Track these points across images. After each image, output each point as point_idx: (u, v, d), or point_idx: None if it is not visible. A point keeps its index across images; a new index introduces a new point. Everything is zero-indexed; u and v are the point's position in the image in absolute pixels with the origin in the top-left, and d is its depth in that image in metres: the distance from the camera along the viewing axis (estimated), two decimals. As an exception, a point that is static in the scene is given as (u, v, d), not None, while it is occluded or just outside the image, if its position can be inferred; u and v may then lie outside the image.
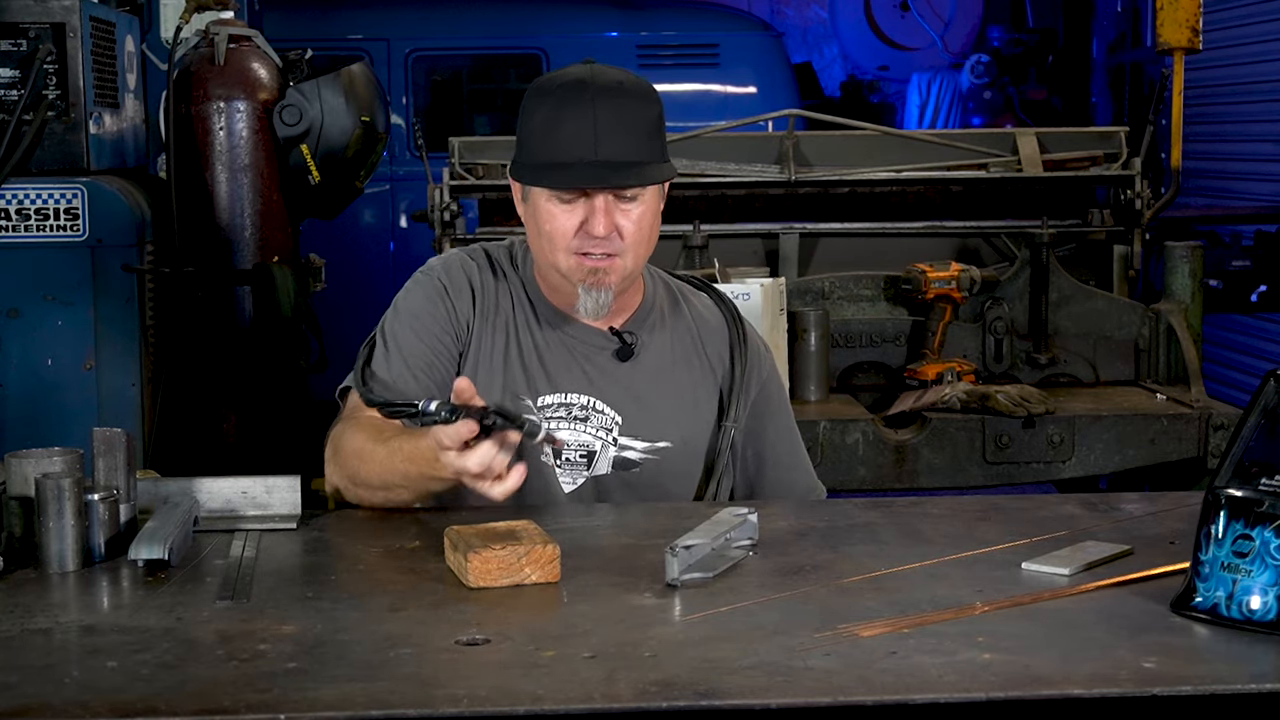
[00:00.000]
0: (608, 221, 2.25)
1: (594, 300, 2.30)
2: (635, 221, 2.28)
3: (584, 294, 2.30)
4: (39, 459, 2.00)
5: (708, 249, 4.55)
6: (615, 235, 2.27)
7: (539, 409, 2.34)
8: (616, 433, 2.37)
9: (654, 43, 8.23)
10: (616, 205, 2.26)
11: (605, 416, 2.37)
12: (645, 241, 2.31)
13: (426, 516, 2.20)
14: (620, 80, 2.29)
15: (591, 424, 2.36)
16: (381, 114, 4.73)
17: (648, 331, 2.42)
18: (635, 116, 2.27)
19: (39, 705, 1.46)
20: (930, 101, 11.94)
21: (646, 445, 2.37)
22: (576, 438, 2.35)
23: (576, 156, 2.24)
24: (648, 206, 2.30)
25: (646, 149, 2.27)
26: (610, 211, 2.26)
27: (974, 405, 4.21)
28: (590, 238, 2.26)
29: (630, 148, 2.25)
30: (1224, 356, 7.52)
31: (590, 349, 2.39)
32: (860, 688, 1.49)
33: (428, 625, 1.70)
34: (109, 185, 4.12)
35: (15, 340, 4.10)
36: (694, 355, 2.45)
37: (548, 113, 2.27)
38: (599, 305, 2.31)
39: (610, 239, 2.26)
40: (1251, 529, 1.66)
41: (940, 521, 2.15)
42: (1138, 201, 4.78)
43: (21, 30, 4.05)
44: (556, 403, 2.36)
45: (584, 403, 2.37)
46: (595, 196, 2.25)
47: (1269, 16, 7.68)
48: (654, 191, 2.31)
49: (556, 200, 2.27)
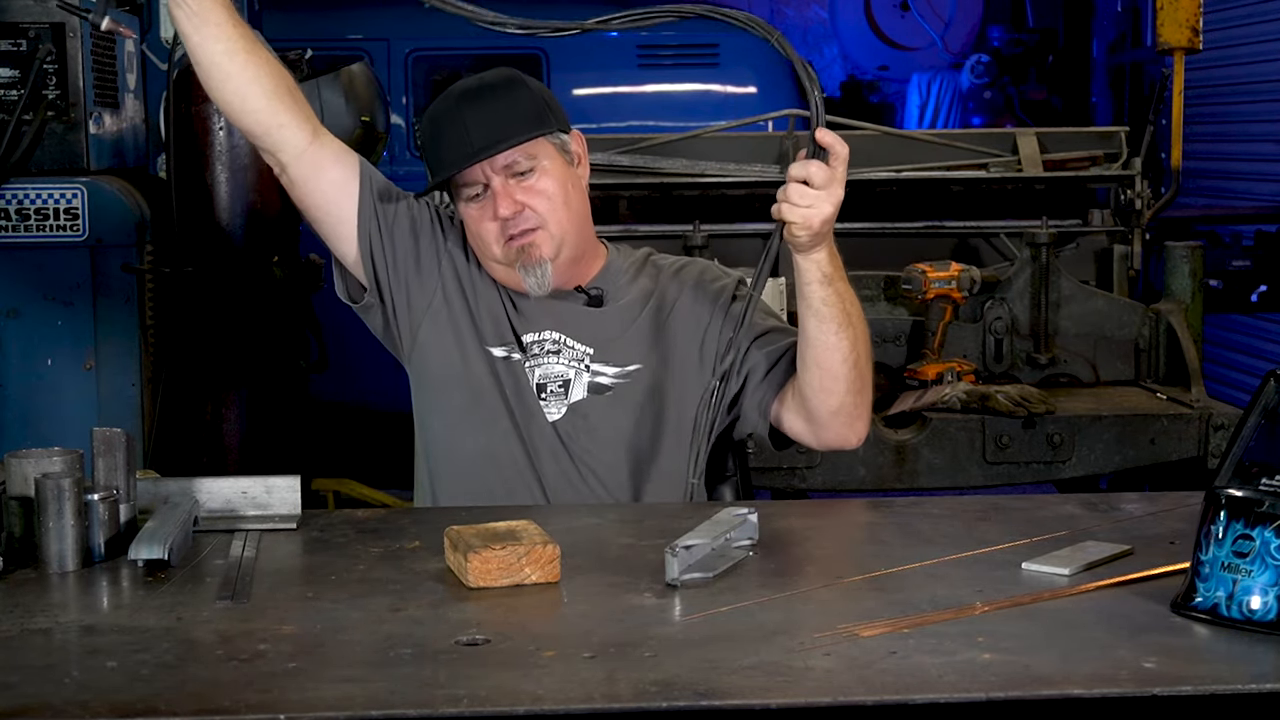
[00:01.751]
0: (508, 201, 2.40)
1: (535, 277, 2.43)
2: (540, 193, 2.42)
3: (524, 273, 2.43)
4: (39, 459, 2.00)
5: (708, 249, 4.55)
6: (527, 211, 2.41)
7: (525, 350, 2.47)
8: (588, 361, 2.47)
9: (654, 43, 8.22)
10: (516, 185, 2.41)
11: (576, 350, 2.48)
12: (561, 206, 2.44)
13: (426, 516, 2.20)
14: (481, 79, 2.47)
15: (564, 356, 2.48)
16: (381, 114, 4.73)
17: (614, 285, 2.54)
18: (500, 104, 2.42)
19: (39, 705, 1.46)
20: (930, 101, 11.94)
21: (618, 370, 2.47)
22: (551, 369, 2.46)
23: (458, 156, 2.40)
24: (550, 175, 2.43)
25: (516, 125, 2.41)
26: (509, 190, 2.40)
27: (974, 405, 4.21)
28: (505, 221, 2.41)
29: (499, 128, 2.40)
30: (1224, 356, 7.51)
31: (559, 303, 2.51)
32: (860, 688, 1.49)
33: (428, 625, 1.70)
34: (109, 185, 4.12)
35: (15, 340, 4.10)
36: (667, 302, 2.53)
37: (429, 129, 2.46)
38: (541, 279, 2.43)
39: (522, 215, 2.42)
40: (1252, 529, 1.66)
41: (940, 521, 2.15)
42: (1138, 201, 4.78)
43: (21, 30, 4.05)
44: (531, 340, 2.48)
45: (555, 338, 2.48)
46: (492, 181, 2.40)
47: (1269, 16, 7.68)
48: (554, 161, 2.44)
49: (471, 203, 2.44)
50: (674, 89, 8.15)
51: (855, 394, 2.36)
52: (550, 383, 2.46)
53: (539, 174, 2.42)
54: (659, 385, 2.48)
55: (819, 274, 2.34)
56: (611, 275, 2.55)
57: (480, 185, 2.41)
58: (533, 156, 2.42)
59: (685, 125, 5.78)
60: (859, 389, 2.36)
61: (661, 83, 8.13)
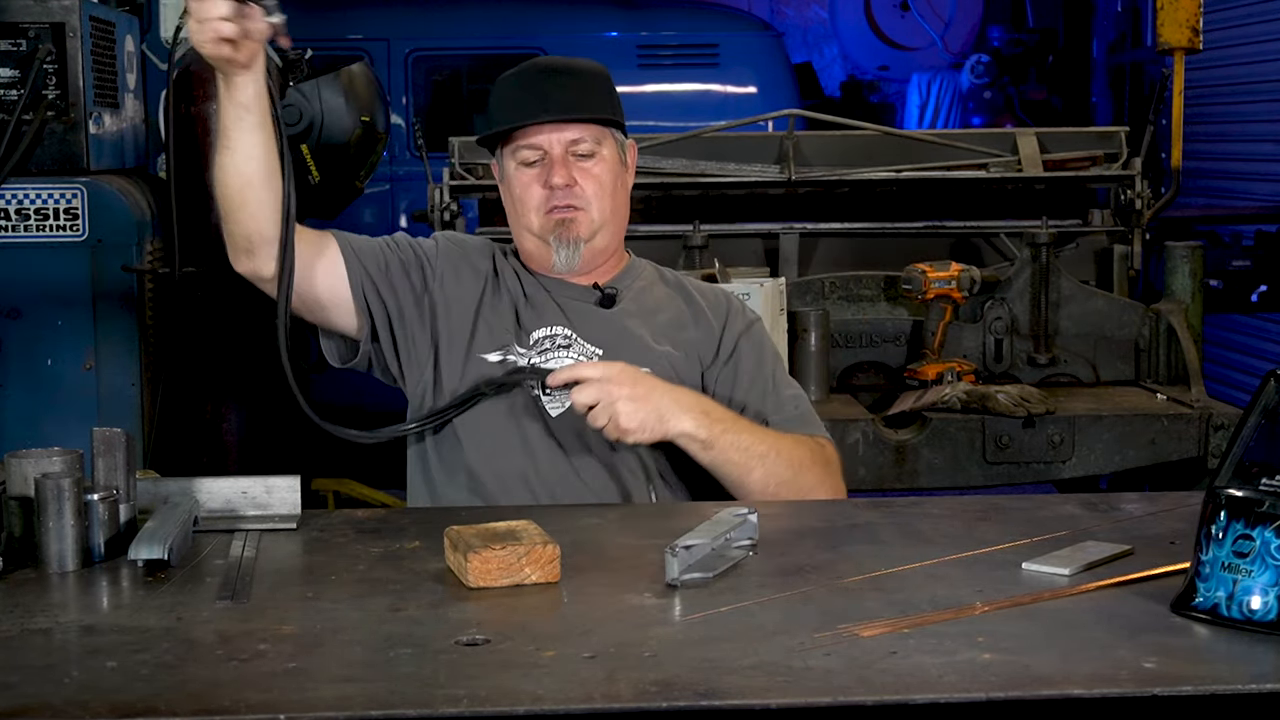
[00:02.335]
0: (565, 171, 2.46)
1: (566, 252, 2.48)
2: (594, 178, 2.48)
3: (556, 246, 2.48)
4: (39, 459, 2.00)
5: (708, 249, 4.55)
6: (577, 188, 2.46)
7: (532, 345, 2.48)
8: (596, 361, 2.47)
9: (654, 43, 8.22)
10: (574, 162, 2.47)
11: (586, 349, 2.49)
12: (608, 195, 2.49)
13: (426, 516, 2.20)
14: (570, 61, 2.56)
15: (574, 351, 2.48)
16: (381, 114, 4.73)
17: (630, 287, 2.57)
18: (582, 81, 2.50)
19: (39, 705, 1.46)
20: (930, 101, 11.95)
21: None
22: (560, 363, 2.46)
23: (528, 115, 2.46)
24: (605, 166, 2.49)
25: (593, 104, 2.48)
26: (567, 163, 2.46)
27: (974, 405, 4.21)
28: (554, 191, 2.45)
29: (578, 102, 2.47)
30: (1224, 356, 7.52)
31: (572, 300, 2.53)
32: (860, 688, 1.49)
33: (428, 625, 1.70)
34: (109, 185, 4.12)
35: (15, 340, 4.10)
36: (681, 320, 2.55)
37: (505, 88, 2.52)
38: (570, 256, 2.48)
39: (572, 191, 2.46)
40: (1252, 529, 1.66)
41: (940, 521, 2.15)
42: (1138, 201, 4.78)
43: (21, 30, 4.05)
44: (542, 335, 2.49)
45: (566, 333, 2.50)
46: (553, 151, 2.46)
47: (1269, 16, 7.68)
48: (612, 154, 2.51)
49: (522, 166, 2.49)
50: (674, 89, 8.15)
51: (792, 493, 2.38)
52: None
53: (597, 160, 2.49)
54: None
55: (696, 446, 2.35)
56: (628, 278, 2.58)
57: (540, 151, 2.47)
58: (598, 142, 2.49)
59: (685, 125, 5.78)
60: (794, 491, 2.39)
61: (661, 83, 8.14)
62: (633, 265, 2.62)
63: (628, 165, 2.57)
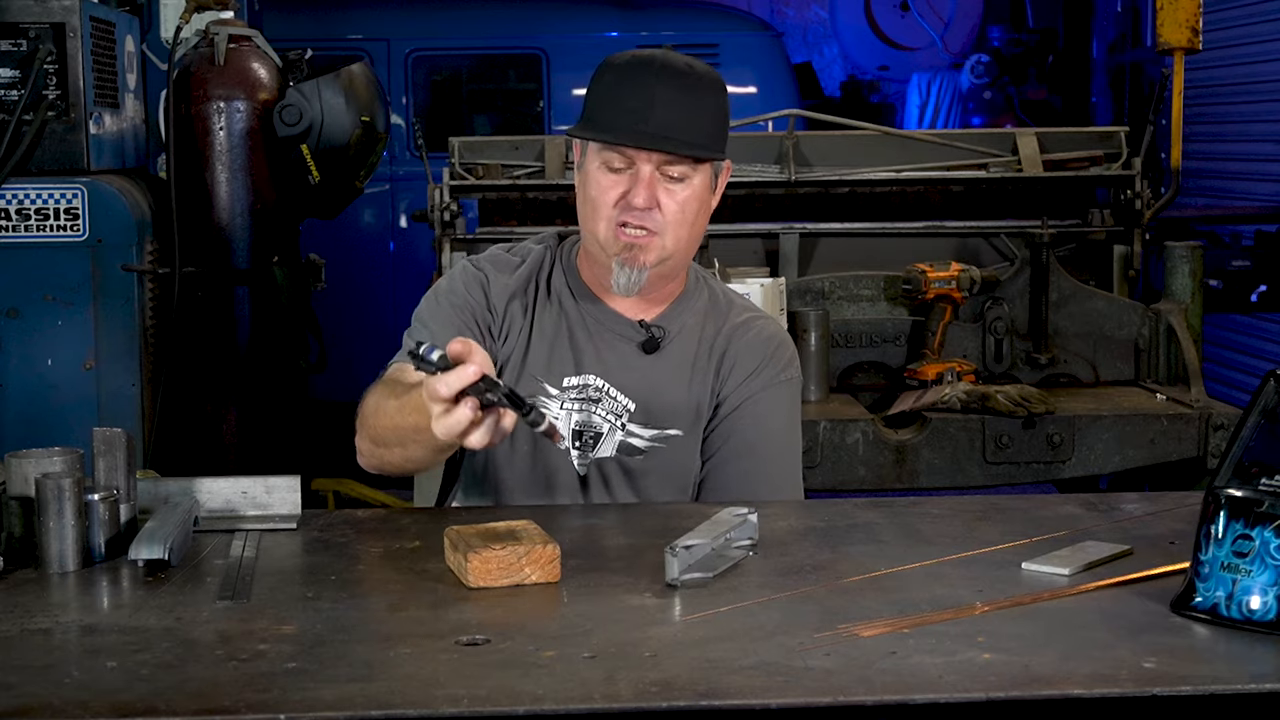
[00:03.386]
0: (649, 194, 2.27)
1: (627, 277, 2.31)
2: (679, 202, 2.29)
3: (617, 269, 2.31)
4: (39, 459, 2.00)
5: (708, 249, 4.55)
6: (656, 211, 2.28)
7: (562, 390, 2.36)
8: (626, 419, 2.37)
9: (654, 43, 8.22)
10: (661, 182, 2.28)
11: (618, 403, 2.37)
12: (687, 225, 2.31)
13: (426, 516, 2.20)
14: (690, 64, 2.31)
15: (603, 406, 2.36)
16: (381, 114, 4.73)
17: (679, 327, 2.42)
18: (695, 98, 2.28)
19: (39, 705, 1.46)
20: (930, 101, 11.94)
21: (655, 433, 2.37)
22: (588, 418, 2.36)
23: (628, 124, 2.25)
24: (694, 193, 2.30)
25: (699, 131, 2.28)
26: (653, 185, 2.27)
27: (974, 405, 4.21)
28: (631, 208, 2.27)
29: (683, 125, 2.26)
30: (1224, 356, 7.51)
31: (616, 337, 2.39)
32: (860, 688, 1.49)
33: (428, 625, 1.70)
34: (109, 185, 4.12)
35: (15, 340, 4.10)
36: (716, 362, 2.42)
37: (611, 80, 2.30)
38: (631, 282, 2.31)
39: (650, 214, 2.28)
40: (1251, 529, 1.66)
41: (940, 521, 2.15)
42: (1138, 201, 4.78)
43: (21, 30, 4.06)
44: (577, 384, 2.37)
45: (599, 385, 2.37)
46: (641, 167, 2.27)
47: (1269, 16, 7.68)
48: (704, 182, 2.32)
49: (605, 168, 2.29)
50: (674, 89, 8.13)
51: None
52: (586, 430, 2.36)
53: (686, 187, 2.29)
54: (689, 454, 2.40)
55: None
56: (678, 315, 2.42)
57: (629, 162, 2.28)
58: (693, 169, 2.30)
59: (685, 125, 5.77)
60: None
61: (662, 83, 8.12)
62: (687, 294, 2.44)
63: (717, 189, 2.38)
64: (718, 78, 2.33)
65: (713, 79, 2.32)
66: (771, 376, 2.42)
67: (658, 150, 2.25)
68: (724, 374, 2.41)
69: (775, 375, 2.42)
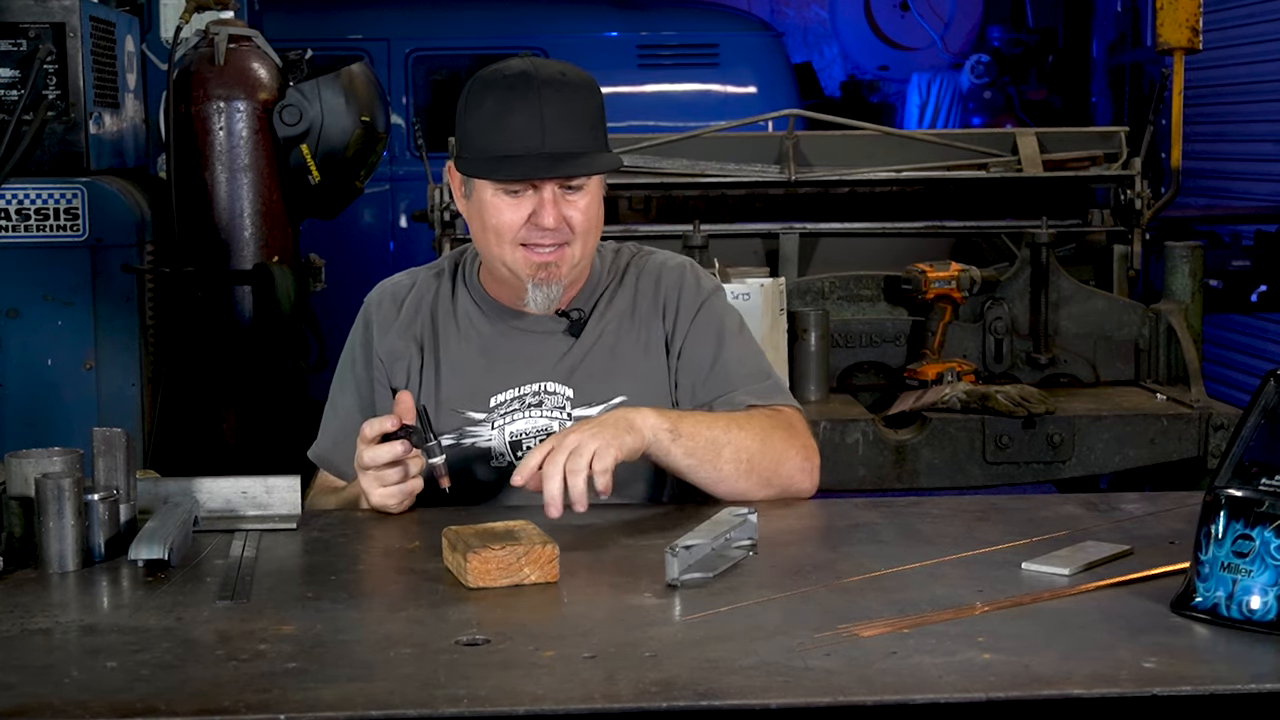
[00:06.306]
0: (556, 213, 2.28)
1: (544, 294, 2.33)
2: (583, 211, 2.31)
3: (533, 289, 2.33)
4: (39, 459, 2.00)
5: (708, 249, 4.55)
6: (564, 226, 2.30)
7: (490, 410, 2.37)
8: (569, 408, 2.37)
9: (654, 43, 8.22)
10: (563, 196, 2.29)
11: (557, 396, 2.38)
12: (593, 230, 2.35)
13: (426, 516, 2.20)
14: (563, 71, 2.32)
15: (545, 406, 2.38)
16: (381, 114, 4.73)
17: (594, 303, 2.44)
18: (580, 107, 2.30)
19: (39, 705, 1.46)
20: (930, 101, 11.94)
21: (602, 407, 2.36)
22: (533, 424, 2.37)
23: (525, 148, 2.26)
24: (593, 196, 2.33)
25: (591, 139, 2.31)
26: (558, 203, 2.28)
27: (974, 405, 4.20)
28: (539, 229, 2.29)
29: (576, 138, 2.28)
30: (1224, 356, 7.51)
31: (540, 338, 2.41)
32: (860, 688, 1.49)
33: (428, 625, 1.70)
34: (109, 185, 4.12)
35: (15, 340, 4.10)
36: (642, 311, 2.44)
37: (493, 105, 2.29)
38: (549, 299, 2.34)
39: (559, 229, 2.29)
40: (1251, 529, 1.66)
41: (940, 521, 2.15)
42: (1138, 201, 4.77)
43: (21, 30, 4.05)
44: (510, 398, 2.38)
45: (535, 389, 2.38)
46: (543, 188, 2.27)
47: (1269, 16, 7.68)
48: (597, 181, 2.35)
49: (503, 193, 2.30)
50: (674, 89, 8.15)
51: (766, 463, 2.28)
52: (526, 438, 2.35)
53: (585, 194, 2.31)
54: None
55: (666, 437, 2.22)
56: (593, 291, 2.44)
57: (528, 183, 2.28)
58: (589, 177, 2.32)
59: (685, 125, 5.78)
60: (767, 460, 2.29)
61: (661, 83, 8.14)
62: (594, 275, 2.45)
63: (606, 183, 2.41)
64: (589, 76, 2.36)
65: (586, 79, 2.34)
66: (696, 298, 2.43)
67: (570, 175, 2.28)
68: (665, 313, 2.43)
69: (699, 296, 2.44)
